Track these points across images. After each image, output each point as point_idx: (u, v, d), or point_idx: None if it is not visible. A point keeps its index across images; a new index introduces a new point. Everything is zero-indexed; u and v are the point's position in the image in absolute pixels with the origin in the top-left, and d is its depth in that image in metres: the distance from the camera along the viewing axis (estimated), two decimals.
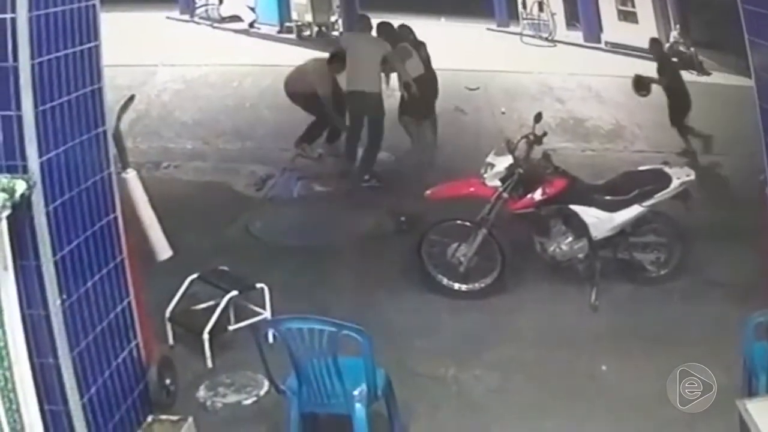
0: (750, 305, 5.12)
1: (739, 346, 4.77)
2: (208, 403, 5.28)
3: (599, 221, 6.69)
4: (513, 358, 5.80)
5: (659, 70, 10.61)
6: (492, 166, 6.76)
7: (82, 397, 4.16)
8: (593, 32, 17.18)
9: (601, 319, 6.35)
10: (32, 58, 3.81)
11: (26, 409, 3.92)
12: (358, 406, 4.48)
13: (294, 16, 17.17)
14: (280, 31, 17.09)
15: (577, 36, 17.57)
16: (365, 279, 6.93)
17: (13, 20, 3.75)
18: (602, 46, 16.94)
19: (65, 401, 4.10)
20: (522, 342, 6.00)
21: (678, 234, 6.82)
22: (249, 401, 5.30)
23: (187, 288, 5.98)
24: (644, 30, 15.99)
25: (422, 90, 9.15)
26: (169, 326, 5.87)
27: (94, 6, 4.30)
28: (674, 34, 15.29)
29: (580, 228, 6.70)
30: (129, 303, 4.68)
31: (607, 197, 6.75)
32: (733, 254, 6.91)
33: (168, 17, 19.01)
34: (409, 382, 5.29)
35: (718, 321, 5.70)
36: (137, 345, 4.78)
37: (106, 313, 4.46)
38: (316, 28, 15.76)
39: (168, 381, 5.05)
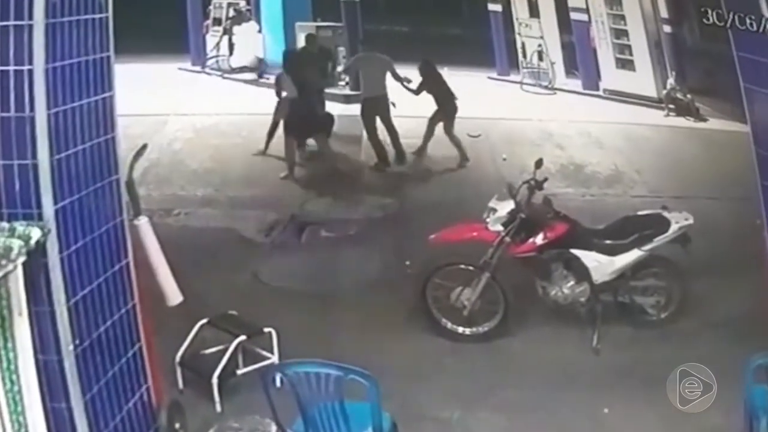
0: (750, 348, 5.17)
1: (740, 389, 4.84)
2: None
3: (600, 265, 6.77)
4: (517, 401, 5.85)
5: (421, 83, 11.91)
6: (494, 211, 6.86)
7: None
8: (592, 80, 17.37)
9: (602, 362, 6.39)
10: (48, 108, 3.90)
11: None
12: None
13: None
14: None
15: (576, 84, 17.75)
16: (371, 323, 6.98)
17: (30, 72, 3.85)
18: (601, 93, 17.13)
19: None
20: (525, 385, 6.04)
21: (678, 277, 6.90)
22: None
23: (197, 333, 6.04)
24: (641, 78, 16.23)
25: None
26: (179, 370, 5.92)
27: (108, 57, 4.39)
28: (671, 81, 15.48)
29: (581, 272, 6.78)
30: (140, 348, 4.71)
31: (608, 241, 6.84)
32: (732, 297, 7.00)
33: (180, 68, 19.27)
34: (414, 425, 5.32)
35: (719, 363, 5.76)
36: (148, 389, 4.80)
37: (117, 358, 4.50)
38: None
39: (178, 425, 5.06)
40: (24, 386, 3.90)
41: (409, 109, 12.24)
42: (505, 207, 6.84)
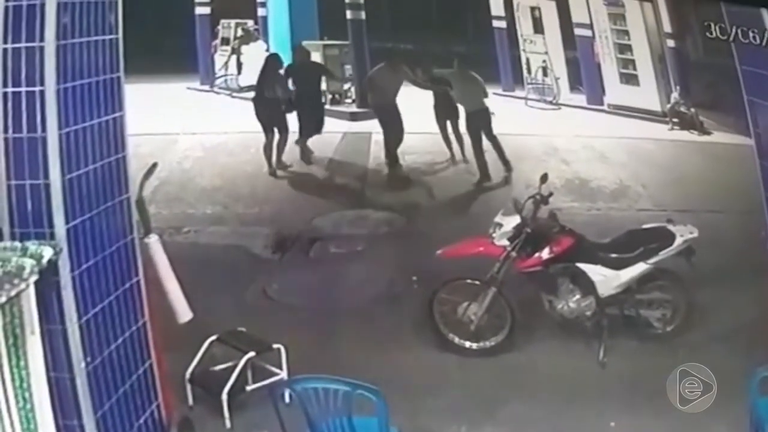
0: (756, 360, 5.20)
1: (746, 401, 4.86)
2: None
3: (606, 279, 6.80)
4: (524, 415, 5.87)
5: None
6: (500, 225, 6.91)
7: None
8: (596, 95, 17.39)
9: (609, 376, 6.41)
10: (60, 128, 3.98)
11: None
12: None
13: None
14: None
15: (581, 99, 17.75)
16: (378, 339, 7.02)
17: (42, 93, 3.93)
18: (605, 108, 17.16)
19: None
20: (532, 399, 6.06)
21: (683, 290, 6.92)
22: None
23: (207, 349, 6.09)
24: (645, 92, 16.27)
25: None
26: (189, 387, 5.95)
27: (119, 78, 4.47)
28: (675, 96, 15.52)
29: (587, 286, 6.81)
30: (150, 365, 4.77)
31: (613, 255, 6.86)
32: (738, 309, 7.01)
33: (189, 88, 19.37)
34: None
35: (724, 376, 5.78)
36: (158, 406, 4.84)
37: (128, 375, 4.55)
38: (329, 96, 16.13)
39: None
40: (36, 404, 3.94)
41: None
42: (511, 222, 6.88)
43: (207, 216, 10.55)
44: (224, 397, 5.73)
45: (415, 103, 12.48)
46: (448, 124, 12.59)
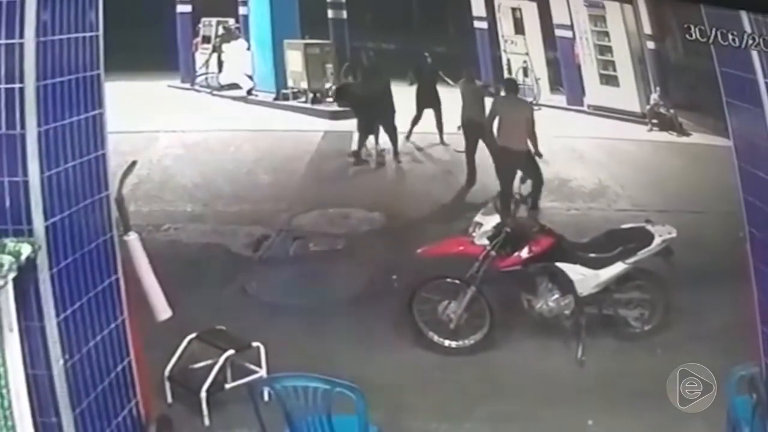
0: (733, 359, 5.25)
1: (723, 400, 4.91)
2: None
3: (584, 278, 6.85)
4: (503, 413, 5.90)
5: None
6: (480, 225, 6.95)
7: None
8: (576, 96, 17.44)
9: (587, 374, 6.46)
10: (39, 125, 3.97)
11: None
12: None
13: (290, 83, 17.53)
14: (276, 98, 17.45)
15: (561, 99, 17.82)
16: (358, 337, 7.03)
17: (22, 89, 3.92)
18: (585, 108, 17.24)
19: None
20: (511, 397, 6.10)
21: (661, 290, 6.99)
22: None
23: (186, 347, 6.08)
24: (625, 93, 16.36)
25: None
26: (167, 385, 5.95)
27: (98, 75, 4.47)
28: (654, 97, 15.62)
29: (566, 285, 6.86)
30: (129, 362, 4.77)
31: (592, 255, 6.92)
32: (715, 309, 7.07)
33: (169, 86, 19.29)
34: None
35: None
36: (137, 404, 4.85)
37: (107, 373, 4.55)
38: (311, 95, 16.14)
39: None
40: (14, 401, 3.95)
41: None
42: (491, 221, 6.93)
43: (187, 214, 10.51)
44: (203, 395, 5.74)
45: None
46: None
